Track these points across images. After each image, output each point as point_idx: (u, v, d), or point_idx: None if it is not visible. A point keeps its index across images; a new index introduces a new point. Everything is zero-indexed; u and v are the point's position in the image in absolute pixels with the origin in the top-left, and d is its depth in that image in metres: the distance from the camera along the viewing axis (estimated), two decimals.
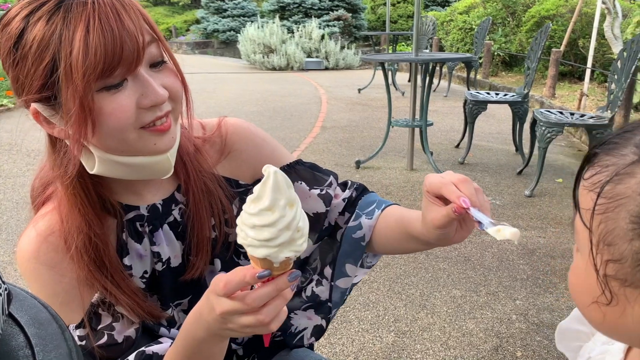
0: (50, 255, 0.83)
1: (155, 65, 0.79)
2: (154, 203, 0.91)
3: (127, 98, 0.75)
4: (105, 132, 0.76)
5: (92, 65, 0.70)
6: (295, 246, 0.67)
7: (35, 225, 0.85)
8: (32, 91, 0.75)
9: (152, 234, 0.90)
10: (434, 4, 17.29)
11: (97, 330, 0.86)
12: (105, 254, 0.85)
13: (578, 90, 7.26)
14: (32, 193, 0.93)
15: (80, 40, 0.70)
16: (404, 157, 5.04)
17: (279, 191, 0.65)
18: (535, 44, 4.88)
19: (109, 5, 0.73)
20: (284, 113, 7.49)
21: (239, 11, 17.81)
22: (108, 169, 0.81)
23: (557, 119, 4.04)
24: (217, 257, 0.95)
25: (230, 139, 0.98)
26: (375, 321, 2.52)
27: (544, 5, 9.52)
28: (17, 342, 0.61)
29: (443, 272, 2.97)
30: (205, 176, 0.93)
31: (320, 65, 13.63)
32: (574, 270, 0.56)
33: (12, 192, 4.34)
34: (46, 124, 0.79)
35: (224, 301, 0.69)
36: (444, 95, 8.68)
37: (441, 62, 4.80)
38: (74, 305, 0.84)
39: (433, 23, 8.79)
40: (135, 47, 0.73)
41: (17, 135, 6.17)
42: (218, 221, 0.94)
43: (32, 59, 0.72)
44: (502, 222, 0.68)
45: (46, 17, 0.72)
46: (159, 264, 0.90)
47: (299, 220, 0.67)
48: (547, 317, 2.53)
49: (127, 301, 0.85)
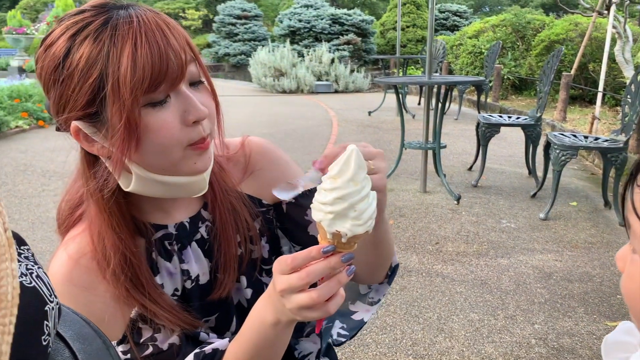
0: (83, 278, 0.83)
1: (194, 85, 0.81)
2: (182, 221, 0.91)
3: (170, 114, 0.77)
4: (150, 149, 0.77)
5: (140, 80, 0.72)
6: (346, 223, 0.68)
7: (66, 248, 0.85)
8: (77, 108, 0.76)
9: (181, 252, 0.90)
10: (443, 28, 17.45)
11: (140, 344, 0.86)
12: (141, 272, 0.85)
13: (589, 114, 7.27)
14: (58, 215, 0.93)
15: (128, 56, 0.72)
16: (417, 179, 5.03)
17: (347, 165, 0.68)
18: (547, 68, 4.90)
19: (154, 24, 0.75)
20: (295, 135, 7.53)
21: (250, 35, 18.05)
22: (144, 187, 0.82)
23: (571, 142, 4.03)
24: (243, 275, 0.95)
25: (254, 158, 0.99)
26: (392, 345, 2.50)
27: (554, 29, 9.59)
28: (63, 357, 0.61)
29: (460, 296, 2.95)
30: (231, 194, 0.94)
31: (330, 88, 13.74)
32: (632, 277, 0.56)
33: (27, 212, 4.37)
34: (86, 142, 0.79)
35: (283, 278, 0.72)
36: (455, 118, 8.70)
37: (453, 84, 4.82)
38: (111, 323, 0.84)
39: (443, 47, 8.87)
40: (179, 64, 0.75)
41: (32, 156, 6.24)
42: (243, 238, 0.94)
43: (78, 77, 0.74)
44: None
45: (93, 36, 0.73)
46: (188, 281, 0.91)
47: (360, 201, 0.69)
48: (567, 342, 2.49)
49: (166, 315, 0.86)
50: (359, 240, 0.71)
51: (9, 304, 0.35)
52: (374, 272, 1.00)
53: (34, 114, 8.33)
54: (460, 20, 17.73)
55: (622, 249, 0.62)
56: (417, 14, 16.58)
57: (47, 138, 7.38)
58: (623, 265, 0.61)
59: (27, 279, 0.51)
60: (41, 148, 6.78)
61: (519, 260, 3.39)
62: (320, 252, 0.70)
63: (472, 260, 3.39)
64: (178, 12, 23.95)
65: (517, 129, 5.32)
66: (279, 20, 17.29)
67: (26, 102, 8.54)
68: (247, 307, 0.95)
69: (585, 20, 9.16)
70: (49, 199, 4.70)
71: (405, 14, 16.24)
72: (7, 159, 6.24)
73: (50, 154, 6.32)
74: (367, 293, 1.05)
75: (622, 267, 0.62)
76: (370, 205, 0.70)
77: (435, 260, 3.39)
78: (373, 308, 1.06)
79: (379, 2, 30.41)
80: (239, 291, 0.96)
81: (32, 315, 0.49)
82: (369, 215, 0.70)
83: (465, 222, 4.04)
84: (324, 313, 0.72)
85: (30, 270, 0.52)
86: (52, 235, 3.85)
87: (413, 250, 3.54)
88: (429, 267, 3.29)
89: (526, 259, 3.40)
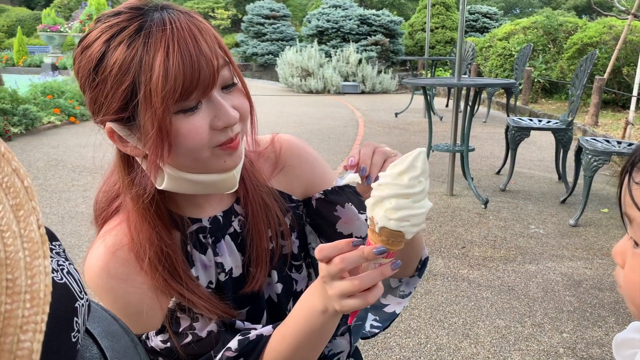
0: (121, 270, 0.85)
1: (227, 87, 0.81)
2: (216, 215, 0.93)
3: (201, 119, 0.77)
4: (180, 152, 0.78)
5: (171, 90, 0.73)
6: (380, 211, 0.69)
7: (104, 240, 0.87)
8: (110, 112, 0.77)
9: (215, 245, 0.92)
10: (472, 30, 17.26)
11: (179, 333, 0.88)
12: (177, 263, 0.87)
13: (622, 119, 7.10)
14: (96, 207, 0.94)
15: (160, 65, 0.72)
16: (443, 182, 4.98)
17: (404, 160, 0.69)
18: (580, 71, 4.80)
19: (187, 30, 0.75)
20: (321, 135, 7.53)
21: (278, 35, 18.11)
22: (177, 185, 0.83)
23: (604, 148, 3.94)
24: (274, 269, 0.97)
25: (284, 154, 1.00)
26: (417, 349, 2.47)
27: (587, 32, 9.40)
28: (92, 354, 0.61)
29: (486, 302, 2.90)
30: (262, 189, 0.95)
31: (357, 89, 13.70)
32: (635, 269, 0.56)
33: (57, 207, 4.45)
34: (120, 142, 0.81)
35: (323, 266, 0.74)
36: (483, 121, 8.59)
37: (482, 87, 4.76)
38: (150, 314, 0.86)
39: (472, 49, 8.76)
40: (211, 72, 0.75)
41: (63, 152, 6.36)
42: (274, 233, 0.96)
43: (111, 82, 0.75)
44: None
45: (127, 42, 0.74)
46: (222, 274, 0.92)
47: (399, 197, 0.69)
48: (596, 352, 2.43)
49: (204, 304, 0.87)
50: (397, 239, 0.71)
51: (41, 301, 0.34)
52: (406, 266, 1.01)
53: (65, 110, 8.49)
54: (490, 22, 17.51)
55: (620, 244, 0.63)
56: (447, 15, 16.43)
57: (78, 134, 7.52)
58: (623, 260, 0.62)
59: (58, 275, 0.50)
60: (72, 144, 6.90)
61: (547, 266, 3.32)
62: (349, 245, 0.73)
63: (499, 266, 3.33)
64: (207, 11, 24.16)
65: (547, 133, 5.22)
66: (307, 20, 17.31)
67: (58, 98, 8.72)
68: (277, 302, 0.97)
69: (620, 23, 8.94)
70: (78, 194, 4.78)
71: (435, 15, 16.12)
72: (40, 153, 6.37)
73: (81, 149, 6.44)
74: (397, 286, 1.08)
75: (622, 262, 0.63)
76: (411, 207, 0.70)
77: (461, 265, 3.34)
78: (404, 301, 1.09)
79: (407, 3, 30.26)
80: (270, 286, 0.97)
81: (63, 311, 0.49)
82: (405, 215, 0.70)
83: (493, 227, 3.98)
84: (364, 302, 0.73)
85: (62, 267, 0.52)
86: (81, 229, 3.91)
87: (439, 254, 3.50)
88: (454, 272, 3.25)
89: (555, 266, 3.33)
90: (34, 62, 18.57)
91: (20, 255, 0.34)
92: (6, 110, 7.25)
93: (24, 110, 7.42)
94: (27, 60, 19.00)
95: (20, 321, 0.33)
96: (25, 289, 0.34)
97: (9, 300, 0.33)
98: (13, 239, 0.34)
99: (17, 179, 0.37)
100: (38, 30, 17.91)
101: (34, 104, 8.01)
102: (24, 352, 0.33)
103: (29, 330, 0.33)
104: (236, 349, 0.87)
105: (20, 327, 0.33)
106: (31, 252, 0.35)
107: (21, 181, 0.37)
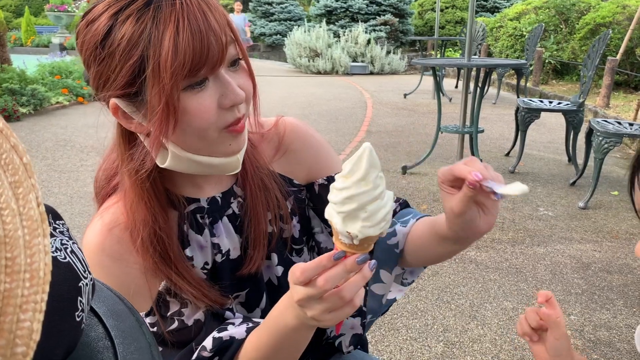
0: (115, 248, 0.85)
1: (233, 64, 0.80)
2: (214, 196, 0.92)
3: (209, 97, 0.77)
4: (187, 131, 0.77)
5: (181, 65, 0.72)
6: (356, 224, 0.67)
7: (101, 217, 0.86)
8: (116, 87, 0.76)
9: (212, 225, 0.91)
10: (483, 9, 17.01)
11: (166, 317, 0.88)
12: (170, 246, 0.86)
13: (634, 100, 7.01)
14: (95, 184, 0.94)
15: (169, 40, 0.71)
16: (452, 163, 4.94)
17: (359, 164, 0.66)
18: (592, 52, 4.72)
19: (196, 6, 0.74)
20: (329, 116, 7.49)
21: (286, 15, 17.95)
22: (179, 164, 0.83)
23: (616, 130, 3.89)
24: (274, 252, 0.96)
25: (288, 137, 0.99)
26: (423, 330, 2.47)
27: (600, 12, 9.24)
28: (97, 333, 0.61)
29: (494, 283, 2.89)
30: (262, 172, 0.94)
31: (366, 69, 13.60)
32: None
33: (66, 187, 4.48)
34: (124, 119, 0.80)
35: (299, 289, 0.70)
36: (493, 102, 8.51)
37: (492, 67, 4.70)
38: (141, 295, 0.86)
39: (483, 29, 8.64)
40: (220, 48, 0.74)
41: (71, 132, 6.38)
42: (273, 216, 0.95)
43: (119, 57, 0.73)
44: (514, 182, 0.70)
45: (135, 16, 0.73)
46: (218, 255, 0.91)
47: (371, 202, 0.66)
48: (604, 335, 2.43)
49: (192, 291, 0.87)
50: (373, 241, 0.69)
51: (41, 280, 0.34)
52: (428, 257, 1.01)
53: (73, 90, 8.50)
54: (501, 1, 17.24)
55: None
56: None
57: (86, 114, 7.53)
58: None
59: (61, 254, 0.50)
60: (80, 124, 6.92)
61: (555, 249, 3.31)
62: (331, 260, 0.68)
63: (507, 248, 3.32)
64: None
65: (557, 115, 5.17)
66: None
67: (66, 78, 8.73)
68: (278, 285, 0.97)
69: (634, 3, 8.78)
70: (87, 174, 4.80)
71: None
72: (49, 134, 6.39)
73: (89, 130, 6.46)
74: (401, 274, 1.06)
75: None
76: (383, 206, 0.68)
77: (469, 247, 3.33)
78: (406, 288, 1.08)
79: None
80: (270, 269, 0.97)
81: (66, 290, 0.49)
82: (382, 216, 0.67)
83: (501, 209, 3.96)
84: (350, 309, 0.70)
85: (65, 246, 0.51)
86: (89, 209, 3.93)
87: None
88: (462, 253, 3.24)
89: (563, 248, 3.31)
90: (42, 42, 18.57)
91: (20, 233, 0.33)
92: (15, 91, 7.26)
93: (32, 91, 7.44)
94: (35, 41, 19.01)
95: (20, 300, 0.32)
96: (25, 267, 0.33)
97: (8, 279, 0.32)
98: (12, 217, 0.33)
99: (16, 155, 0.36)
100: (45, 10, 17.87)
101: (42, 84, 8.02)
102: (24, 332, 0.32)
103: (28, 309, 0.33)
104: (210, 349, 0.85)
105: (19, 306, 0.32)
106: (30, 230, 0.34)
107: (20, 158, 0.36)
